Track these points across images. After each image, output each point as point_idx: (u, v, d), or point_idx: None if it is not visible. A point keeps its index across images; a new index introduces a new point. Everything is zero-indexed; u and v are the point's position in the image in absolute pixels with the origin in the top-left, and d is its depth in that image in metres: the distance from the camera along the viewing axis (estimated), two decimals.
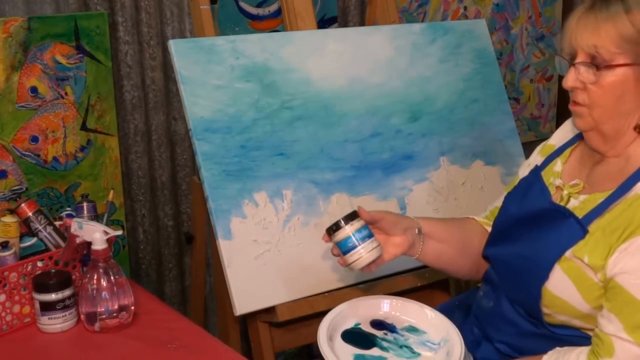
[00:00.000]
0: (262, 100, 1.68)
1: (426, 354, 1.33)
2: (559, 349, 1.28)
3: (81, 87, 1.87)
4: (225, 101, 1.64)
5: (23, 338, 1.48)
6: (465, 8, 2.74)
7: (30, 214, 1.61)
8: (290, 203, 1.65)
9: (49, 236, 1.62)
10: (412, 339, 1.36)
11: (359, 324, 1.39)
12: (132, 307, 1.51)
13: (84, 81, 1.87)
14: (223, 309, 1.80)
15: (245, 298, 1.56)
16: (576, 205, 1.30)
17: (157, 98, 2.19)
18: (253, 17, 2.31)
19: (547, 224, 1.30)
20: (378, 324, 1.39)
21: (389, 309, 1.43)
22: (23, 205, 1.61)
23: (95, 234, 1.48)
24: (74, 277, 1.55)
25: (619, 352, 1.17)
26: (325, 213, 1.68)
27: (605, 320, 1.20)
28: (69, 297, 1.49)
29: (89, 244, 1.49)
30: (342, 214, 1.36)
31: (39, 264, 1.53)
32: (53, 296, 1.47)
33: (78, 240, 1.52)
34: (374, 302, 1.44)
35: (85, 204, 1.71)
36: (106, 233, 1.49)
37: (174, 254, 2.31)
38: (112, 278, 1.48)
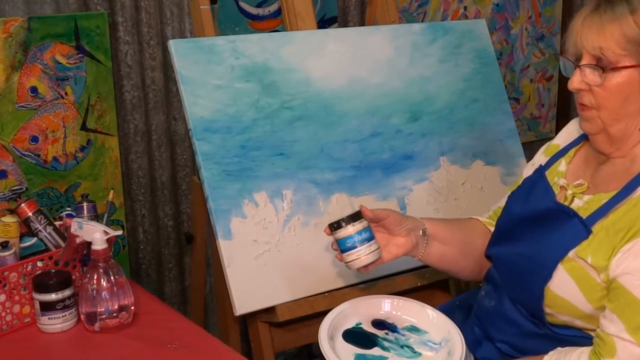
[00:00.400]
0: (262, 100, 1.68)
1: (427, 353, 1.33)
2: (560, 349, 1.28)
3: (81, 87, 1.87)
4: (225, 101, 1.64)
5: (23, 338, 1.48)
6: (465, 8, 2.74)
7: (30, 214, 1.61)
8: (290, 203, 1.65)
9: (49, 236, 1.62)
10: (413, 339, 1.36)
11: (360, 323, 1.39)
12: (132, 307, 1.51)
13: (84, 81, 1.87)
14: (223, 309, 1.80)
15: (245, 298, 1.56)
16: (580, 206, 1.29)
17: (157, 98, 2.19)
18: (253, 17, 2.31)
19: (551, 223, 1.30)
20: (379, 324, 1.39)
21: (390, 308, 1.43)
22: (23, 205, 1.61)
23: (95, 234, 1.47)
24: (74, 277, 1.54)
25: (620, 352, 1.17)
26: (325, 213, 1.68)
27: (607, 321, 1.19)
28: (69, 297, 1.49)
29: (89, 244, 1.49)
30: (342, 214, 1.37)
31: (39, 264, 1.53)
32: (53, 296, 1.47)
33: (78, 240, 1.52)
34: (376, 301, 1.44)
35: (85, 204, 1.71)
36: (106, 233, 1.49)
37: (174, 254, 2.30)
38: (112, 278, 1.48)
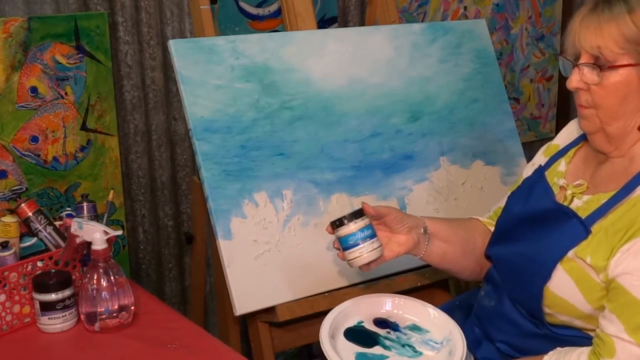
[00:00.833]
0: (262, 100, 1.68)
1: (428, 353, 1.33)
2: (559, 349, 1.28)
3: (81, 87, 1.87)
4: (225, 101, 1.64)
5: (23, 338, 1.48)
6: (465, 8, 2.74)
7: (30, 214, 1.61)
8: (290, 203, 1.65)
9: (49, 236, 1.62)
10: (414, 338, 1.36)
11: (361, 322, 1.39)
12: (132, 307, 1.51)
13: (84, 81, 1.87)
14: (223, 309, 1.80)
15: (245, 298, 1.56)
16: (579, 206, 1.29)
17: (157, 98, 2.19)
18: (253, 17, 2.31)
19: (550, 223, 1.30)
20: (381, 322, 1.39)
21: (391, 307, 1.43)
22: (23, 205, 1.61)
23: (95, 234, 1.47)
24: (74, 277, 1.54)
25: (620, 353, 1.17)
26: (325, 213, 1.68)
27: (607, 321, 1.20)
28: (69, 297, 1.49)
29: (89, 244, 1.49)
30: (342, 214, 1.37)
31: (39, 264, 1.53)
32: (53, 296, 1.47)
33: (78, 240, 1.52)
34: (377, 300, 1.44)
35: (85, 204, 1.71)
36: (106, 233, 1.49)
37: (174, 254, 2.30)
38: (112, 278, 1.48)
